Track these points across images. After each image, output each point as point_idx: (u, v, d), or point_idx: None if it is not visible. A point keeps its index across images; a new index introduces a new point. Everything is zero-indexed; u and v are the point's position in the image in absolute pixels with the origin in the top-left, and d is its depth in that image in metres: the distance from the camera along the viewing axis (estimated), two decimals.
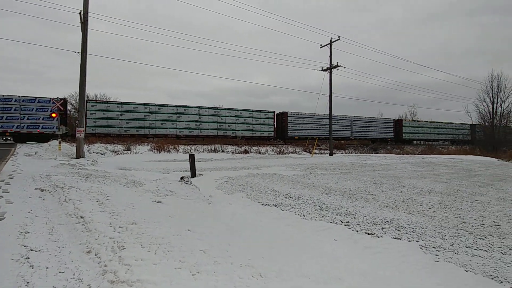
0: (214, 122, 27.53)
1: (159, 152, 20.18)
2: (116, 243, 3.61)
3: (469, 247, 4.04)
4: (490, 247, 4.04)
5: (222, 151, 22.32)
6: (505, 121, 33.73)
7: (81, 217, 4.72)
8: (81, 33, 14.05)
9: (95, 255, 3.39)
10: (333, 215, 5.63)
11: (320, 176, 10.53)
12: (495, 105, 32.24)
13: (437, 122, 43.09)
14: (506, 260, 3.63)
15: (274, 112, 30.43)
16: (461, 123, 43.45)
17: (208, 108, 27.89)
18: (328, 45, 22.79)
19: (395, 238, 4.46)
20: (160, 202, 6.19)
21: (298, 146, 27.19)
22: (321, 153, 25.30)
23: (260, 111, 29.73)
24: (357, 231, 4.79)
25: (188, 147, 22.58)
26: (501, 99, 32.04)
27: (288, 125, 30.46)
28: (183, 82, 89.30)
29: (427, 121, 42.56)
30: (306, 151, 25.18)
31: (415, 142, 41.61)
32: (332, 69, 22.70)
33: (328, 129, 32.12)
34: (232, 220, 5.34)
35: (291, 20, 49.65)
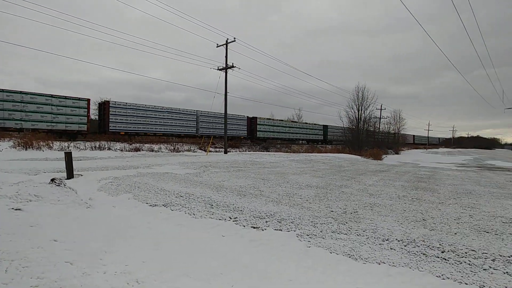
0: None
1: (26, 149, 16.84)
2: None
3: (333, 232, 4.72)
4: (349, 230, 4.81)
5: (109, 149, 20.18)
6: (367, 125, 41.24)
7: None
8: None
9: None
10: (223, 212, 5.75)
11: (213, 174, 10.64)
12: (360, 111, 39.00)
13: (292, 121, 45.14)
14: (360, 241, 4.38)
15: (88, 100, 24.28)
16: (315, 124, 47.71)
17: None
18: (224, 45, 23.27)
19: (277, 229, 4.85)
20: (19, 209, 5.13)
21: (193, 144, 26.84)
22: (216, 151, 25.65)
23: (66, 98, 23.04)
24: (244, 226, 5.02)
25: (66, 144, 19.56)
26: (364, 107, 39.01)
27: (111, 117, 24.93)
28: (61, 69, 76.88)
29: (282, 120, 42.14)
30: (202, 149, 25.13)
31: (287, 142, 41.29)
32: (227, 69, 23.28)
33: (169, 124, 28.23)
34: (114, 224, 4.85)
35: (190, 16, 48.68)
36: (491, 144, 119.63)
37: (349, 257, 3.86)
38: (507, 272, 3.35)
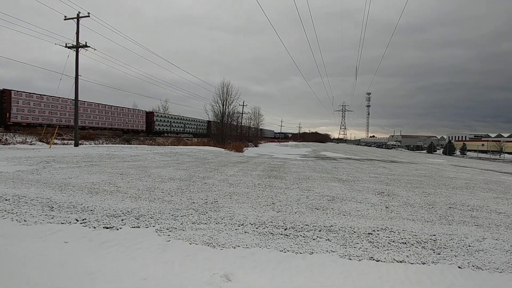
0: None
1: None
2: None
3: (194, 223, 4.78)
4: (208, 220, 4.98)
5: None
6: (230, 119, 43.71)
7: None
8: None
9: None
10: (67, 214, 4.92)
11: (56, 171, 8.96)
12: (224, 106, 40.87)
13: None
14: (218, 228, 4.59)
15: None
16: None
17: None
18: (75, 19, 19.81)
19: (134, 227, 4.53)
20: None
21: (30, 135, 21.83)
22: (63, 144, 21.74)
23: None
24: (95, 227, 4.45)
25: None
26: (228, 102, 41.04)
27: None
28: None
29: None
30: (43, 141, 20.79)
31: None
32: (79, 48, 19.95)
33: None
34: None
35: None
36: (325, 138, 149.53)
37: (208, 245, 3.99)
38: (328, 239, 4.22)
